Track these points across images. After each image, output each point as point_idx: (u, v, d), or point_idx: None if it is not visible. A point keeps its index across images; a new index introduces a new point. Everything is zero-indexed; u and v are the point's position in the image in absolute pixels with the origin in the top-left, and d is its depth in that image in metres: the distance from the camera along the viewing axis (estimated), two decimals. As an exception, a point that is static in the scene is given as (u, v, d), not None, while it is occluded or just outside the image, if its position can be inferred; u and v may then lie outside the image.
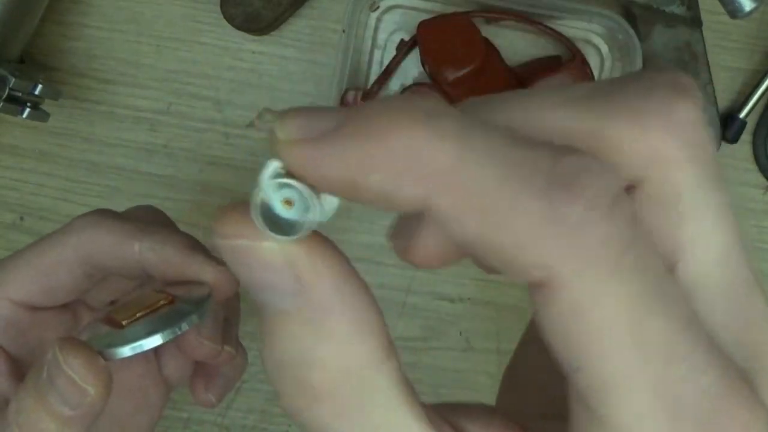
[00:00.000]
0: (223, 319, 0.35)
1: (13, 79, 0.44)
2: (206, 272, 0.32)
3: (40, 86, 0.45)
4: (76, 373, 0.26)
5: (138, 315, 0.29)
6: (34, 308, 0.33)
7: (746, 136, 0.50)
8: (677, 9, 0.47)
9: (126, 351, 0.28)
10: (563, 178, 0.15)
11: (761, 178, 0.50)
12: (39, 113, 0.47)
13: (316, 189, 0.16)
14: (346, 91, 0.46)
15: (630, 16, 0.48)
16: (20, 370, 0.33)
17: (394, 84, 0.49)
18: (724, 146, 0.49)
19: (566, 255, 0.15)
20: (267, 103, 0.50)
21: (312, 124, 0.16)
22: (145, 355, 0.33)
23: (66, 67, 0.50)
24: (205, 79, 0.50)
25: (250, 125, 0.50)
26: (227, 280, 0.32)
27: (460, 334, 0.51)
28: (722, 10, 0.44)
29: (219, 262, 0.32)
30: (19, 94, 0.45)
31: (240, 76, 0.50)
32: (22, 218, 0.51)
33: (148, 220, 0.36)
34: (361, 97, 0.46)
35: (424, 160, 0.15)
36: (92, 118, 0.50)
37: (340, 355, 0.16)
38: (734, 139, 0.49)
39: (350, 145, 0.15)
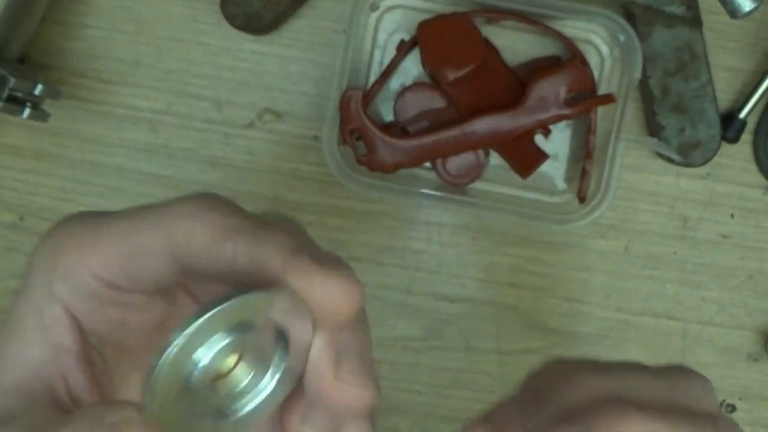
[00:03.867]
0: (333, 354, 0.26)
1: (13, 79, 0.44)
2: (312, 290, 0.24)
3: (40, 86, 0.45)
4: None
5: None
6: (117, 287, 0.27)
7: (746, 136, 0.50)
8: (677, 9, 0.47)
9: None
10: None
11: (761, 178, 0.50)
12: (39, 113, 0.47)
13: None
14: (346, 91, 0.46)
15: (630, 16, 0.48)
16: (90, 352, 0.28)
17: (394, 84, 0.49)
18: (724, 146, 0.49)
19: None
20: (267, 103, 0.50)
21: None
22: None
23: (66, 67, 0.50)
24: (205, 79, 0.50)
25: (251, 125, 0.50)
26: (344, 298, 0.24)
27: (460, 334, 0.51)
28: (722, 10, 0.44)
29: (333, 265, 0.24)
30: (19, 94, 0.45)
31: (240, 76, 0.50)
32: (22, 218, 0.51)
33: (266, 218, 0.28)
34: (361, 97, 0.46)
35: None
36: (92, 118, 0.50)
37: None
38: (734, 139, 0.49)
39: None
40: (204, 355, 0.23)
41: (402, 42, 0.48)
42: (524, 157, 0.48)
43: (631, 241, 0.51)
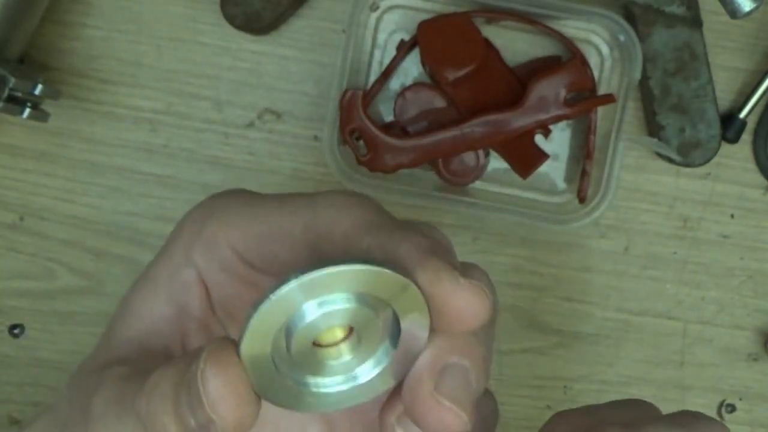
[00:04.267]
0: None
1: (13, 79, 0.44)
2: (438, 290, 0.22)
3: (40, 86, 0.45)
4: (207, 391, 0.20)
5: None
6: (251, 265, 0.28)
7: (746, 136, 0.50)
8: (677, 9, 0.47)
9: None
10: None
11: (761, 178, 0.50)
12: (39, 113, 0.47)
13: None
14: (346, 91, 0.46)
15: (630, 16, 0.48)
16: (212, 322, 0.29)
17: (394, 84, 0.49)
18: (724, 146, 0.49)
19: None
20: (267, 103, 0.50)
21: None
22: None
23: (66, 67, 0.50)
24: (205, 79, 0.50)
25: (250, 125, 0.50)
26: (469, 307, 0.22)
27: (460, 334, 0.51)
28: (722, 10, 0.44)
29: (466, 272, 0.22)
30: (19, 94, 0.45)
31: (240, 76, 0.50)
32: (22, 218, 0.51)
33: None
34: (361, 97, 0.46)
35: None
36: (92, 118, 0.50)
37: None
38: (734, 139, 0.49)
39: None
40: (314, 311, 0.21)
41: (402, 42, 0.48)
42: (524, 157, 0.48)
43: (631, 241, 0.51)
